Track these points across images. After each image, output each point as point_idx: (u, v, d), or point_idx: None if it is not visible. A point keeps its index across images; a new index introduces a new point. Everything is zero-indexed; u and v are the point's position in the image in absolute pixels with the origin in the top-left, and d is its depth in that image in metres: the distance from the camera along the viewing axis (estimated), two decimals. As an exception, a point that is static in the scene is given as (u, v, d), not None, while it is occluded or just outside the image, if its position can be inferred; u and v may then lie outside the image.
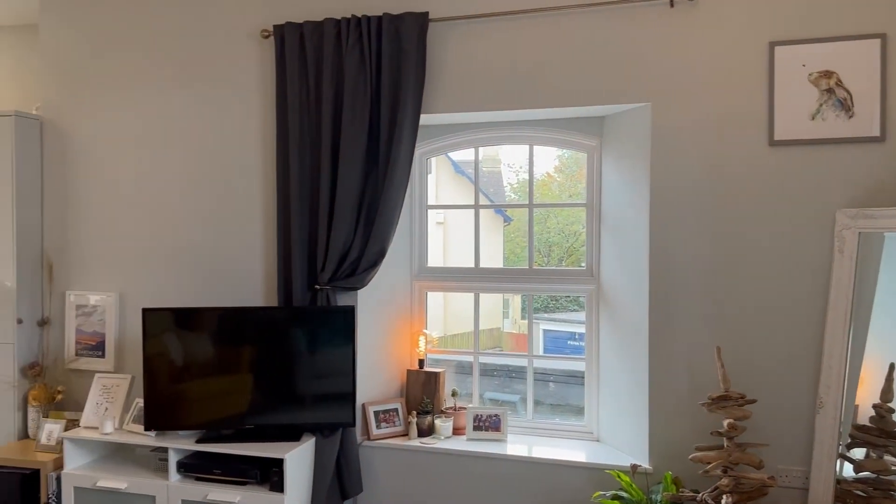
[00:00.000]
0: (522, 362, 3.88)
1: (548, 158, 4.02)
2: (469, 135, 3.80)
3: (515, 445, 3.53)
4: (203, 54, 3.85)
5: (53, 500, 3.48)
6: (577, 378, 3.93)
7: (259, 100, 3.77)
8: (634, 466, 3.08)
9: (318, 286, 3.55)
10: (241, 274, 3.80)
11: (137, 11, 3.95)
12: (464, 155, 4.07)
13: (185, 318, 3.46)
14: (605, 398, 3.61)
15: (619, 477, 3.08)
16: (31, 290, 4.02)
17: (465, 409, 3.71)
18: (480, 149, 3.86)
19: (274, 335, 3.45)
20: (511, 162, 4.29)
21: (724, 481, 2.81)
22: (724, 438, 2.89)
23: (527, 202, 3.81)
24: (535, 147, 3.77)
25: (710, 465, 2.86)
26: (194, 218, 3.87)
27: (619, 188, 3.50)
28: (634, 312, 3.38)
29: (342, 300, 3.61)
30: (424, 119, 3.58)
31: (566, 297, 4.25)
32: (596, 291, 3.66)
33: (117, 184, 3.99)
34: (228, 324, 3.46)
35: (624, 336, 3.47)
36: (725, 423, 2.86)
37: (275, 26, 3.62)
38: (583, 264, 3.72)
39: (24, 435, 3.93)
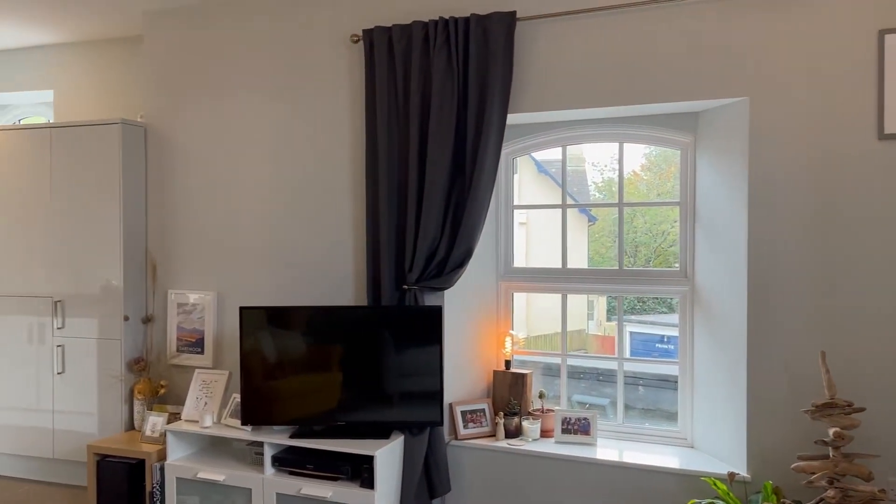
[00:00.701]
0: (610, 365, 3.80)
1: (634, 156, 3.92)
2: (556, 133, 3.76)
3: (605, 450, 3.47)
4: (294, 61, 3.96)
5: (157, 490, 3.65)
6: (668, 382, 3.82)
7: (348, 104, 3.84)
8: (732, 474, 2.97)
9: (405, 286, 3.59)
10: (332, 274, 3.88)
11: (233, 23, 4.10)
12: (547, 154, 4.03)
13: (279, 317, 3.56)
14: (700, 403, 3.50)
15: (715, 485, 2.97)
16: (136, 289, 4.23)
17: (552, 411, 3.67)
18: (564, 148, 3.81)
19: (363, 334, 3.51)
20: (595, 160, 4.22)
21: (830, 493, 2.67)
22: (830, 448, 2.74)
23: (614, 201, 3.73)
24: (618, 145, 3.69)
25: (815, 476, 2.72)
26: (287, 219, 3.98)
27: (715, 186, 3.39)
28: (732, 315, 3.26)
29: (429, 300, 3.63)
30: (511, 119, 3.56)
31: (654, 298, 4.14)
32: (690, 293, 3.55)
33: (215, 187, 4.15)
34: (319, 322, 3.55)
35: (720, 339, 3.35)
36: (831, 431, 2.71)
37: (364, 31, 3.69)
38: (676, 265, 3.61)
39: (130, 426, 4.15)
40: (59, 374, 4.25)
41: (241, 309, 3.58)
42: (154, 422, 3.86)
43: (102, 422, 4.16)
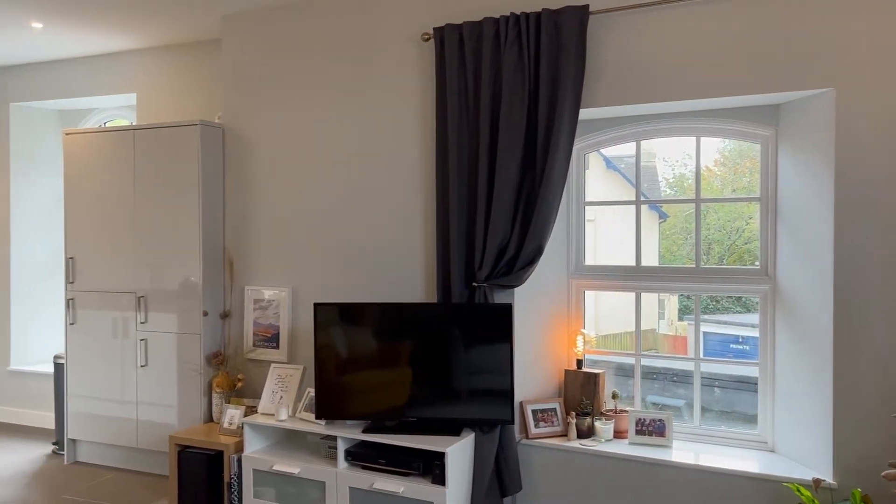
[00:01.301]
0: (685, 366, 3.70)
1: (707, 151, 3.81)
2: (629, 128, 3.68)
3: (681, 452, 3.38)
4: (365, 60, 4.00)
5: (235, 481, 3.76)
6: (746, 384, 3.71)
7: (419, 102, 3.86)
8: (817, 481, 2.85)
9: (475, 283, 3.58)
10: (402, 271, 3.91)
11: (306, 24, 4.18)
12: (615, 150, 3.96)
13: (351, 313, 3.61)
14: (782, 406, 3.37)
15: (798, 491, 2.85)
16: (215, 286, 4.36)
17: (626, 412, 3.60)
18: (633, 143, 3.73)
19: (432, 330, 3.52)
20: (666, 156, 4.11)
21: (926, 504, 2.53)
22: (926, 456, 2.60)
23: (685, 197, 3.63)
24: (694, 139, 3.59)
25: (909, 485, 2.58)
26: (359, 217, 4.03)
27: (798, 181, 3.25)
28: (817, 315, 3.13)
29: (499, 298, 3.62)
30: (583, 114, 3.51)
31: (728, 297, 4.02)
32: (771, 292, 3.43)
33: (289, 186, 4.24)
34: (390, 319, 3.58)
35: (804, 340, 3.22)
36: (927, 439, 2.57)
37: (434, 29, 3.70)
38: (755, 263, 3.49)
39: (209, 418, 4.28)
40: (142, 366, 4.43)
41: (315, 305, 3.64)
42: (232, 414, 3.98)
43: (182, 413, 4.31)
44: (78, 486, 4.28)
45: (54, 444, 4.96)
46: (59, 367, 4.84)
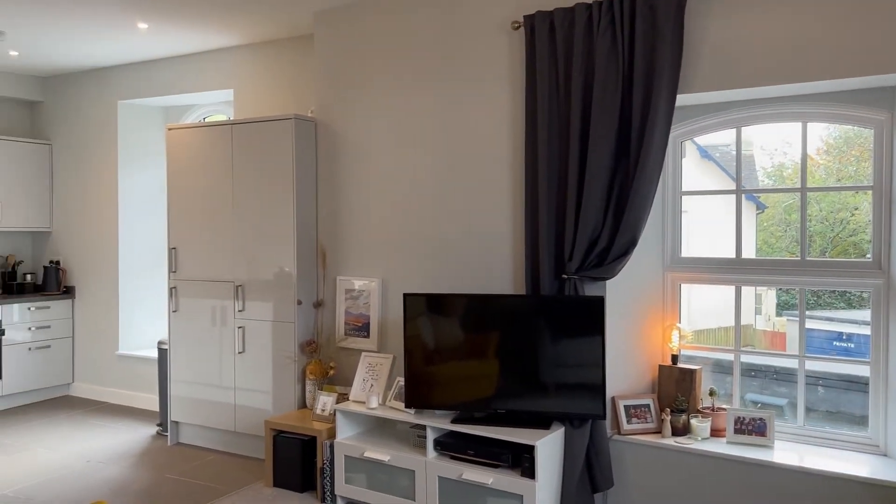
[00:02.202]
0: (786, 363, 3.53)
1: (809, 139, 3.60)
2: (729, 114, 3.53)
3: (784, 453, 3.23)
4: (455, 51, 3.99)
5: (328, 466, 3.85)
6: (854, 383, 3.50)
7: (508, 91, 3.82)
8: (937, 489, 2.66)
9: (565, 275, 3.52)
10: (491, 262, 3.89)
11: (396, 17, 4.21)
12: (711, 139, 3.80)
13: (440, 304, 3.63)
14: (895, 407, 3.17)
15: (916, 500, 2.67)
16: (308, 276, 4.47)
17: (724, 410, 3.47)
18: (729, 132, 3.57)
19: (521, 322, 3.49)
20: (764, 144, 3.92)
21: None
22: None
23: (785, 186, 3.45)
24: (796, 125, 3.40)
25: None
26: (448, 208, 4.03)
27: (916, 167, 3.04)
28: (936, 311, 2.92)
29: (590, 290, 3.55)
30: (679, 100, 3.39)
31: (830, 292, 3.80)
32: (885, 286, 3.22)
33: (379, 178, 4.29)
34: (478, 310, 3.57)
35: (922, 338, 3.01)
36: None
37: (525, 17, 3.65)
38: (867, 256, 3.28)
39: (303, 405, 4.40)
40: (239, 353, 4.59)
41: (405, 295, 3.67)
42: (324, 401, 4.07)
43: (277, 399, 4.45)
44: (181, 466, 4.49)
45: (158, 425, 5.22)
46: (162, 353, 5.09)
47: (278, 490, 4.02)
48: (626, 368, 3.64)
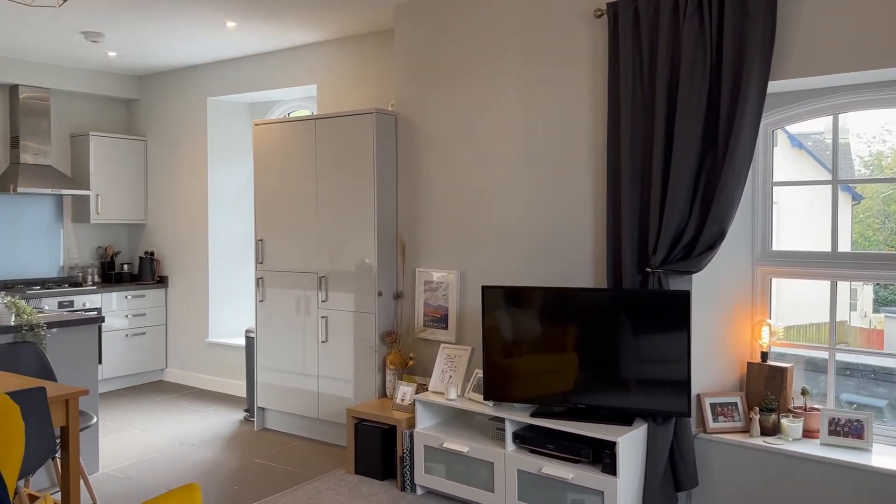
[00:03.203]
0: (887, 362, 3.34)
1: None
2: (824, 101, 3.36)
3: (884, 457, 3.06)
4: (536, 42, 3.95)
5: (407, 455, 3.90)
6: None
7: (589, 81, 3.76)
8: None
9: (649, 269, 3.45)
10: (571, 255, 3.85)
11: (476, 9, 4.20)
12: (802, 127, 3.63)
13: (519, 296, 3.61)
14: None
15: None
16: (388, 267, 4.53)
17: (817, 410, 3.32)
18: (822, 119, 3.39)
19: (602, 317, 3.44)
20: (861, 131, 3.71)
21: None
22: None
23: (887, 176, 3.25)
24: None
25: None
26: (528, 200, 4.01)
27: None
28: None
29: (674, 284, 3.46)
30: (770, 87, 3.24)
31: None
32: None
33: (458, 170, 4.30)
34: (558, 303, 3.53)
35: None
36: None
37: (608, 4, 3.57)
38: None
39: (383, 394, 4.47)
40: (322, 342, 4.70)
41: (483, 288, 3.68)
42: (404, 391, 4.12)
43: (358, 388, 4.53)
44: (266, 451, 4.64)
45: (246, 411, 5.42)
46: (249, 341, 5.27)
47: (360, 477, 4.11)
48: (712, 365, 3.53)
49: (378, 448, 4.04)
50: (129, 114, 6.94)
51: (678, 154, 3.32)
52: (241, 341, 6.06)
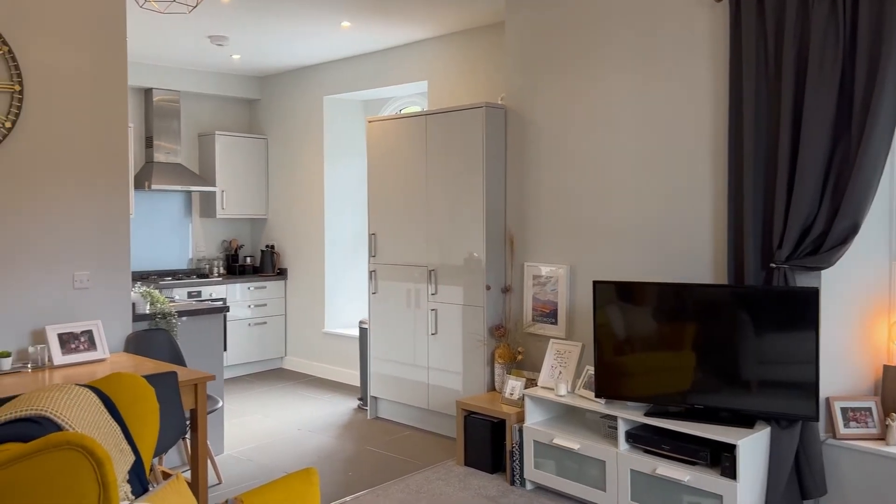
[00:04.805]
0: None
1: None
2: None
3: None
4: (651, 30, 3.83)
5: (517, 449, 3.89)
6: None
7: (709, 68, 3.60)
8: None
9: (773, 264, 3.27)
10: (689, 250, 3.71)
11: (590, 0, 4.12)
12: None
13: (634, 292, 3.52)
14: None
15: None
16: (497, 262, 4.53)
17: (965, 418, 3.04)
18: None
19: (722, 314, 3.29)
20: None
21: None
22: None
23: None
24: None
25: None
26: (641, 194, 3.89)
27: None
28: None
29: (801, 280, 3.26)
30: (914, 68, 2.99)
31: None
32: None
33: (569, 164, 4.23)
34: (674, 300, 3.41)
35: None
36: None
37: (729, -13, 3.41)
38: None
39: (491, 387, 4.48)
40: (432, 335, 4.77)
41: (595, 283, 3.61)
42: (513, 385, 4.11)
43: (467, 380, 4.57)
44: (379, 439, 4.76)
45: (359, 399, 5.58)
46: (363, 332, 5.41)
47: (469, 469, 4.14)
48: (843, 368, 3.31)
49: (487, 441, 4.06)
50: (251, 113, 7.29)
51: (807, 142, 3.13)
52: (355, 332, 6.25)
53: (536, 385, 4.03)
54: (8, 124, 3.38)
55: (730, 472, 3.05)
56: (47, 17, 3.50)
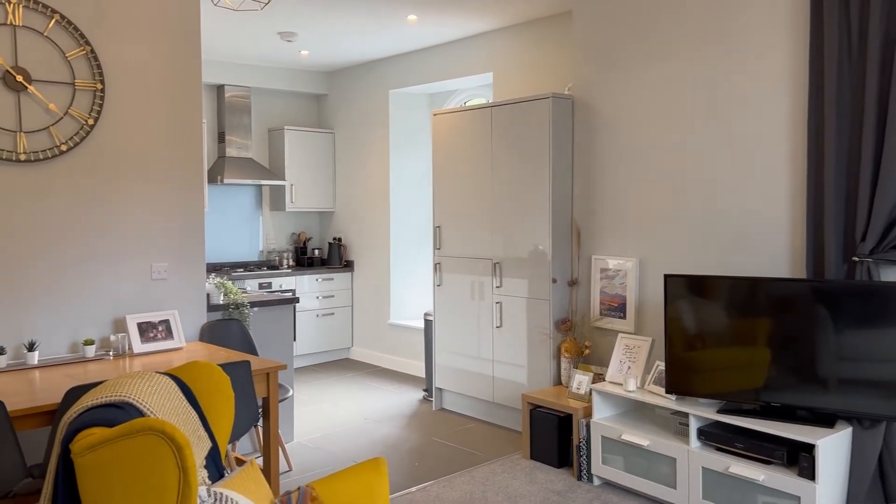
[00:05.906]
0: None
1: None
2: None
3: None
4: (725, 16, 3.70)
5: (584, 444, 3.85)
6: None
7: (786, 54, 3.46)
8: None
9: (856, 258, 3.13)
10: (761, 243, 3.58)
11: (659, -19, 4.01)
12: None
13: (707, 286, 3.42)
14: None
15: None
16: (563, 254, 4.48)
17: None
18: None
19: (799, 309, 3.17)
20: None
21: None
22: None
23: None
24: None
25: None
26: (715, 183, 3.78)
27: None
28: None
29: (886, 275, 3.12)
30: None
31: None
32: None
33: (638, 155, 4.15)
34: (750, 294, 3.31)
35: None
36: None
37: (810, -32, 3.27)
38: None
39: (557, 381, 4.44)
40: (497, 327, 4.76)
41: (666, 276, 3.53)
42: (580, 380, 4.07)
43: (532, 374, 4.54)
44: (444, 431, 4.79)
45: (424, 390, 5.62)
46: (428, 324, 5.45)
47: (535, 462, 4.12)
48: (931, 366, 3.14)
49: (553, 435, 4.03)
50: (319, 108, 7.41)
51: (893, 129, 2.97)
52: (420, 324, 6.29)
53: (604, 380, 3.98)
54: (91, 121, 3.52)
55: (808, 472, 2.94)
56: (125, 18, 3.63)
